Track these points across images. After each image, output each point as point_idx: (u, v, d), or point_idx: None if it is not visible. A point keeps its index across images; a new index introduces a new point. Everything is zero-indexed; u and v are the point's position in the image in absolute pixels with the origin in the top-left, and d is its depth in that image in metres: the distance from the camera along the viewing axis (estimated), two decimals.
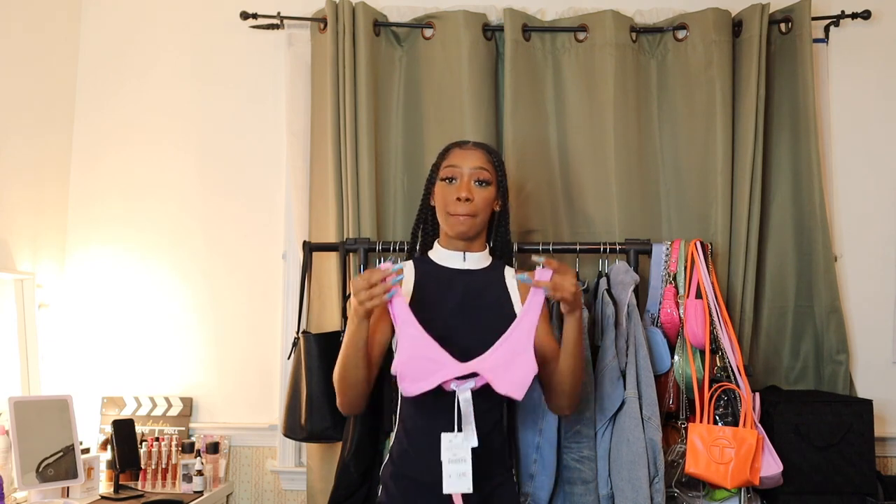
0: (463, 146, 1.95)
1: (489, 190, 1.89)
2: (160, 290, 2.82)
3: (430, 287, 1.88)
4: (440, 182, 1.91)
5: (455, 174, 1.88)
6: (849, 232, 2.78)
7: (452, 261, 1.92)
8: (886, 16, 2.81)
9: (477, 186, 1.87)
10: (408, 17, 2.75)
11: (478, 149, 1.94)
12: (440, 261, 1.93)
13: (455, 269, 1.91)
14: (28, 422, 2.31)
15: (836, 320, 2.64)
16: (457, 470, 1.69)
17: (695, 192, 2.67)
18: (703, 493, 2.33)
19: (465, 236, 1.88)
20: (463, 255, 1.91)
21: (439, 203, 1.90)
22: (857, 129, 2.79)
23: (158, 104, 2.86)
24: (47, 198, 2.75)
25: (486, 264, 1.95)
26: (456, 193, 1.85)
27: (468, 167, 1.88)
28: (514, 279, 1.92)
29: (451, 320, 1.83)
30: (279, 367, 2.77)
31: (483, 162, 1.90)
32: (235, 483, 2.78)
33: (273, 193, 2.83)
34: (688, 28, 2.68)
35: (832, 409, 2.35)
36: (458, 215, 1.85)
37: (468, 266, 1.91)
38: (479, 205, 1.87)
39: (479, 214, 1.87)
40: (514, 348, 1.73)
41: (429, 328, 1.74)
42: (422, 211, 2.04)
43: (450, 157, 1.92)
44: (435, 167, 1.96)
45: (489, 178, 1.89)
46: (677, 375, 2.36)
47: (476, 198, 1.86)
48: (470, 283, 1.89)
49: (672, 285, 2.43)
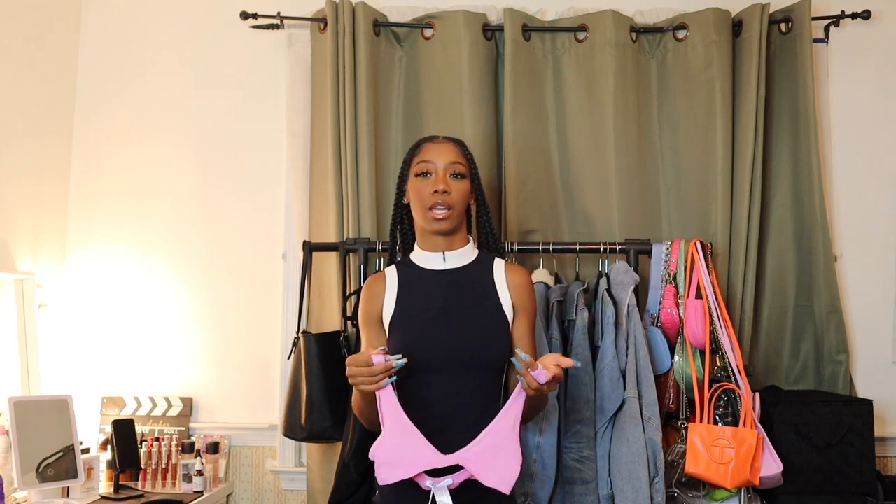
0: (434, 140, 1.91)
1: (464, 183, 1.87)
2: (160, 290, 2.82)
3: (413, 293, 1.85)
4: (414, 178, 1.87)
5: (429, 169, 1.85)
6: (849, 232, 2.78)
7: (433, 262, 1.88)
8: (886, 16, 2.81)
9: (452, 179, 1.84)
10: (408, 17, 2.75)
11: (449, 142, 1.91)
12: (421, 263, 1.89)
13: (436, 271, 1.87)
14: (28, 422, 2.31)
15: (836, 320, 2.64)
16: None
17: (695, 192, 2.67)
18: (703, 493, 2.33)
19: (444, 231, 1.85)
20: (442, 255, 1.88)
21: (415, 199, 1.86)
22: (857, 129, 2.79)
23: (158, 104, 2.86)
24: (47, 198, 2.75)
25: (471, 260, 1.90)
26: (432, 187, 1.82)
27: (443, 161, 1.85)
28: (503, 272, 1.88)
29: (436, 325, 1.80)
30: (279, 367, 2.77)
31: (457, 155, 1.87)
32: (235, 483, 2.78)
33: (273, 193, 2.83)
34: (688, 28, 2.68)
35: (832, 409, 2.35)
36: (436, 210, 1.81)
37: (449, 265, 1.88)
38: (456, 197, 1.84)
39: (456, 207, 1.84)
40: (499, 442, 1.65)
41: (412, 336, 1.74)
42: (396, 210, 1.99)
43: (422, 153, 1.88)
44: (406, 164, 1.92)
45: (464, 171, 1.87)
46: (677, 375, 2.36)
47: (452, 190, 1.83)
48: (452, 283, 1.85)
49: (672, 285, 2.43)
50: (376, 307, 1.86)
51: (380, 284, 1.89)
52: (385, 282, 1.88)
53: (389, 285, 1.87)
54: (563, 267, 2.60)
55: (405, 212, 1.97)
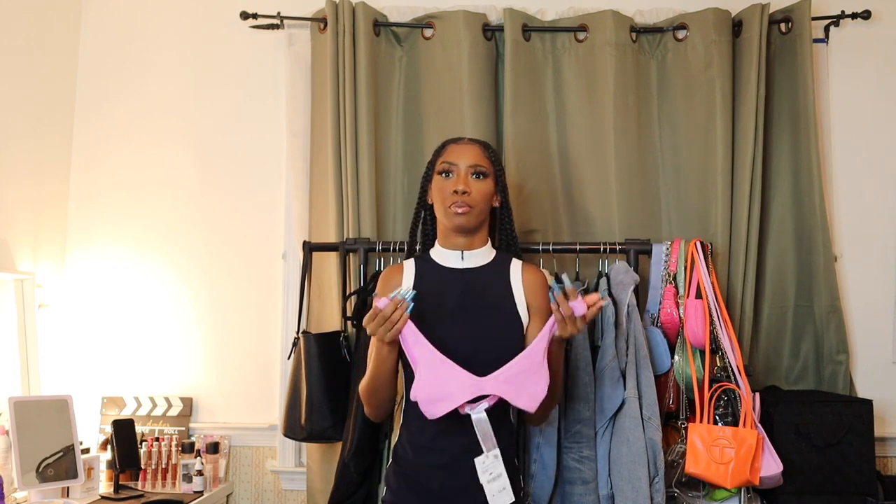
0: (458, 142, 1.95)
1: (487, 183, 1.89)
2: (160, 290, 2.82)
3: (430, 287, 1.87)
4: (437, 176, 1.91)
5: (451, 169, 1.89)
6: (849, 232, 2.78)
7: (451, 260, 1.91)
8: (886, 16, 2.81)
9: (474, 179, 1.87)
10: (408, 17, 2.75)
11: (474, 144, 1.94)
12: (440, 260, 1.93)
13: (455, 269, 1.90)
14: (28, 422, 2.31)
15: (836, 320, 2.64)
16: (497, 487, 1.75)
17: (695, 192, 2.67)
18: (703, 493, 2.32)
19: (464, 228, 1.87)
20: (461, 253, 1.91)
21: (437, 197, 1.90)
22: (857, 129, 2.79)
23: (158, 104, 2.86)
24: (47, 198, 2.75)
25: (489, 260, 1.93)
26: (453, 187, 1.86)
27: (465, 162, 1.88)
28: (520, 272, 1.92)
29: (450, 322, 1.82)
30: (279, 367, 2.77)
31: (479, 157, 1.90)
32: (235, 483, 2.78)
33: (273, 193, 2.83)
34: (688, 28, 2.68)
35: (832, 409, 2.35)
36: (456, 206, 1.84)
37: (467, 265, 1.91)
38: (477, 197, 1.86)
39: (477, 206, 1.87)
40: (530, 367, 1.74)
41: (428, 330, 1.74)
42: (419, 209, 2.03)
43: (446, 153, 1.92)
44: (431, 164, 1.96)
45: (486, 172, 1.89)
46: (677, 375, 2.36)
47: (473, 190, 1.86)
48: (470, 282, 1.88)
49: (672, 285, 2.42)
50: None
51: (398, 275, 1.93)
52: (403, 274, 1.92)
53: (407, 277, 1.91)
54: (563, 267, 2.59)
55: (428, 210, 2.01)
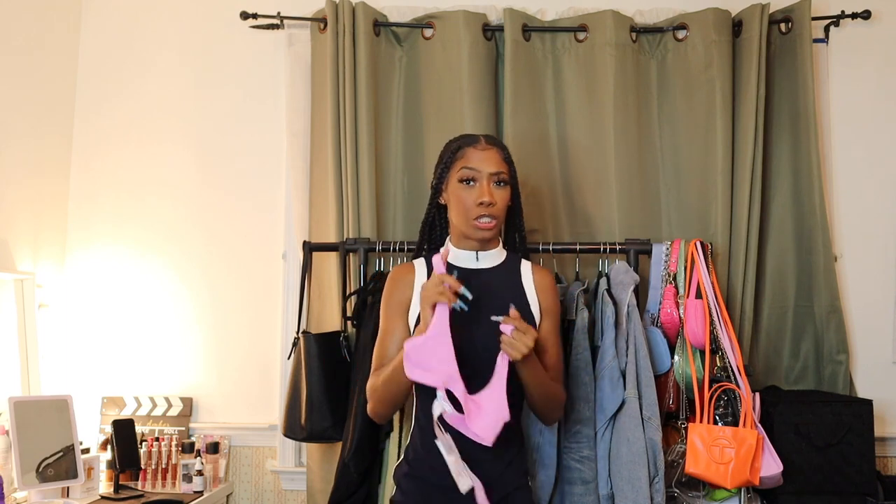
0: (477, 146, 1.89)
1: (507, 190, 1.88)
2: (160, 290, 2.82)
3: None
4: (457, 183, 1.86)
5: (474, 176, 1.84)
6: (849, 232, 2.78)
7: (465, 261, 1.89)
8: (886, 16, 2.81)
9: (496, 188, 1.85)
10: (408, 17, 2.75)
11: (493, 147, 1.89)
12: (453, 260, 1.90)
13: (468, 270, 1.88)
14: (28, 422, 2.31)
15: (836, 320, 2.64)
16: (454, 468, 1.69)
17: (695, 192, 2.67)
18: (703, 493, 2.32)
19: (487, 239, 1.88)
20: (476, 254, 1.90)
21: (457, 206, 1.86)
22: (857, 129, 2.79)
23: (158, 104, 2.86)
24: (47, 198, 2.75)
25: (501, 261, 1.93)
26: (478, 198, 1.82)
27: (487, 170, 1.84)
28: (531, 273, 1.93)
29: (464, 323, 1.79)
30: (279, 367, 2.77)
31: (500, 163, 1.87)
32: (235, 483, 2.78)
33: (273, 193, 2.83)
34: (688, 28, 2.68)
35: (832, 409, 2.35)
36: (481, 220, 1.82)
37: (481, 265, 1.90)
38: (501, 206, 1.86)
39: (500, 216, 1.87)
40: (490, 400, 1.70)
41: None
42: (430, 209, 1.99)
43: (466, 158, 1.87)
44: (446, 166, 1.90)
45: (507, 179, 1.88)
46: (677, 375, 2.36)
47: (497, 200, 1.84)
48: (483, 283, 1.86)
49: (672, 285, 2.42)
50: (405, 296, 1.87)
51: (409, 274, 1.91)
52: (415, 273, 1.90)
53: (419, 277, 1.89)
54: (563, 267, 2.59)
55: (440, 211, 1.98)
